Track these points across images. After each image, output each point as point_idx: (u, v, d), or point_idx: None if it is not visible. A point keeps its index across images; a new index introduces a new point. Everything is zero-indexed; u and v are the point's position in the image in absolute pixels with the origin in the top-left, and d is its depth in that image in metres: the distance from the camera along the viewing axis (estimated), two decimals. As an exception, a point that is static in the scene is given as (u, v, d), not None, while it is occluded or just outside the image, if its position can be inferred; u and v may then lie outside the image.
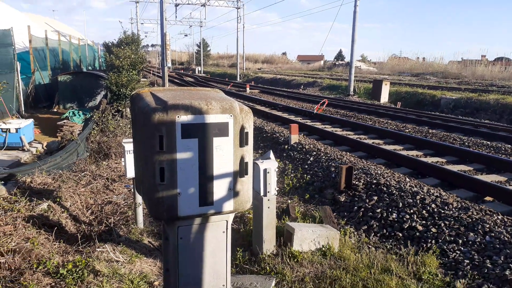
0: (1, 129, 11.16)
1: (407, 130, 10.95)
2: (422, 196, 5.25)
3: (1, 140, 11.30)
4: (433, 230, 4.56)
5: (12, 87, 15.65)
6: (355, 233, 4.82)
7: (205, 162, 2.14)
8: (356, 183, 5.97)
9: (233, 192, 2.23)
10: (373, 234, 4.81)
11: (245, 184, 2.28)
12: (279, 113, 14.56)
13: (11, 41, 16.29)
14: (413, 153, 8.40)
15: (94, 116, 12.22)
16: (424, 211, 4.93)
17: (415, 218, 4.83)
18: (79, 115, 16.56)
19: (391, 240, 4.62)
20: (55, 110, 19.93)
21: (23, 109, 16.88)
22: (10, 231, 4.11)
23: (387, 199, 5.37)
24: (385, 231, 4.81)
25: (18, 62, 16.78)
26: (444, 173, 6.63)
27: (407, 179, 6.08)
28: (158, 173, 2.06)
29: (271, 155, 4.12)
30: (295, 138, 8.91)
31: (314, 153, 7.89)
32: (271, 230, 4.08)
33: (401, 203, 5.17)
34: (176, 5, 39.19)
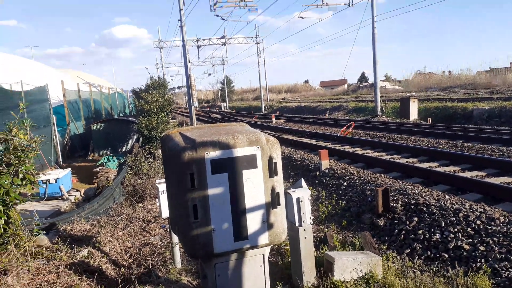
0: (41, 180, 11.61)
1: (441, 146, 10.63)
2: (465, 213, 5.02)
3: (41, 191, 11.73)
4: (481, 248, 4.32)
5: (49, 140, 16.39)
6: (398, 257, 4.63)
7: (237, 196, 2.14)
8: (394, 205, 5.79)
9: (267, 225, 2.21)
10: (417, 257, 4.61)
11: (279, 215, 2.25)
12: (307, 140, 14.51)
13: (47, 96, 17.23)
14: (449, 168, 8.11)
15: (128, 160, 12.56)
16: (469, 229, 4.70)
17: (460, 237, 4.60)
18: (113, 161, 17.06)
19: (436, 262, 4.40)
20: (90, 157, 20.64)
21: (60, 159, 17.58)
22: (53, 279, 4.20)
23: (428, 219, 5.17)
24: (429, 253, 4.60)
25: (54, 116, 17.65)
26: (485, 187, 6.34)
27: (447, 197, 5.84)
28: (191, 211, 2.07)
29: (303, 183, 4.07)
30: (325, 163, 8.81)
31: (347, 177, 7.75)
32: (310, 261, 3.98)
33: (443, 222, 4.95)
34: (198, 47, 40.58)
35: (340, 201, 6.79)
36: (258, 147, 2.18)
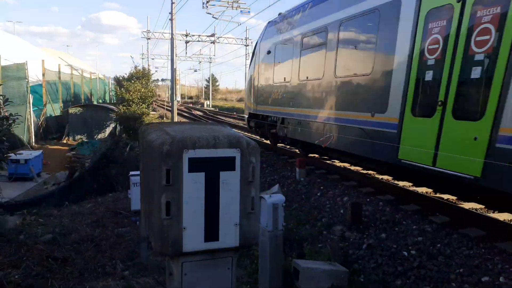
0: (11, 160, 11.27)
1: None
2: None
3: (11, 171, 11.39)
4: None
5: (23, 119, 15.94)
6: (365, 271, 4.69)
7: (211, 197, 2.12)
8: (365, 220, 5.87)
9: (239, 228, 2.20)
10: (383, 272, 4.68)
11: (252, 220, 2.25)
12: (288, 147, 14.56)
13: (25, 74, 16.75)
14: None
15: (103, 148, 12.34)
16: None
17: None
18: (88, 147, 16.72)
19: (402, 278, 4.48)
20: (65, 141, 20.18)
21: (33, 140, 17.11)
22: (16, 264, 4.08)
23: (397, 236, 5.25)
24: (396, 269, 4.67)
25: (30, 95, 17.18)
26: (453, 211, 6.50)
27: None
28: (164, 207, 2.04)
29: (278, 189, 4.09)
30: (302, 172, 8.87)
31: (322, 187, 7.82)
32: (278, 267, 3.99)
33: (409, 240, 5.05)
34: (187, 42, 40.27)
35: (312, 210, 6.84)
36: (238, 150, 2.17)
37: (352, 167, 10.59)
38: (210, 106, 57.72)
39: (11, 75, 15.30)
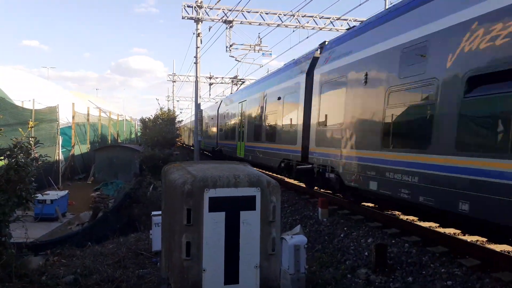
0: (38, 200, 11.52)
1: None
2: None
3: (37, 211, 11.61)
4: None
5: (52, 160, 16.44)
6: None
7: (232, 237, 2.11)
8: (391, 262, 5.65)
9: (259, 270, 2.16)
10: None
11: (273, 261, 2.20)
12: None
13: (56, 117, 17.46)
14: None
15: (127, 188, 12.50)
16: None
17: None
18: (112, 187, 16.97)
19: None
20: (90, 182, 20.57)
21: (60, 180, 17.53)
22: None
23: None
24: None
25: (60, 136, 17.79)
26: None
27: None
28: (184, 247, 2.03)
29: (300, 229, 4.02)
30: (324, 212, 8.71)
31: (345, 228, 7.62)
32: (300, 312, 3.85)
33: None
34: (210, 84, 41.38)
35: (335, 253, 6.64)
36: (258, 189, 2.17)
37: (376, 208, 10.34)
38: (232, 146, 58.21)
39: (43, 118, 15.96)
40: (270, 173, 17.96)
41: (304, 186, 12.61)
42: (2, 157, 5.07)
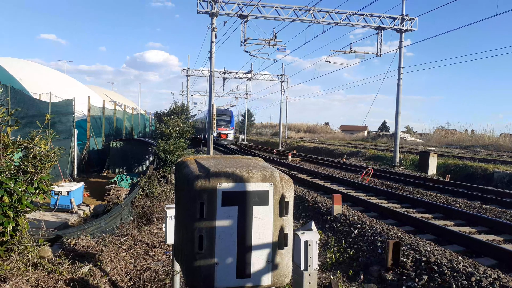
0: (54, 191, 11.72)
1: (458, 205, 10.35)
2: (478, 278, 4.80)
3: (52, 202, 11.82)
4: (494, 318, 4.10)
5: (68, 152, 16.69)
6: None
7: (244, 231, 2.11)
8: (404, 260, 5.60)
9: (271, 265, 2.15)
10: (424, 318, 4.40)
11: (285, 257, 2.20)
12: (321, 182, 14.36)
13: (72, 110, 17.70)
14: (465, 229, 7.85)
15: (140, 181, 12.62)
16: (482, 295, 4.48)
17: (472, 303, 4.39)
18: (127, 180, 17.16)
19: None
20: (105, 174, 20.84)
21: (75, 172, 17.80)
22: (50, 293, 4.14)
23: (439, 279, 4.96)
24: (438, 316, 4.38)
25: (76, 129, 18.04)
26: (502, 253, 6.09)
27: (460, 258, 5.62)
28: (197, 241, 2.04)
29: (313, 226, 3.99)
30: (338, 208, 8.66)
31: (359, 225, 7.57)
32: (312, 308, 3.83)
33: (454, 285, 4.74)
34: (224, 79, 41.43)
35: (349, 249, 6.61)
36: (271, 184, 2.16)
37: (390, 205, 10.25)
38: (245, 141, 58.29)
39: (59, 111, 16.19)
40: (283, 168, 17.92)
41: (318, 182, 12.61)
42: (20, 149, 5.16)
